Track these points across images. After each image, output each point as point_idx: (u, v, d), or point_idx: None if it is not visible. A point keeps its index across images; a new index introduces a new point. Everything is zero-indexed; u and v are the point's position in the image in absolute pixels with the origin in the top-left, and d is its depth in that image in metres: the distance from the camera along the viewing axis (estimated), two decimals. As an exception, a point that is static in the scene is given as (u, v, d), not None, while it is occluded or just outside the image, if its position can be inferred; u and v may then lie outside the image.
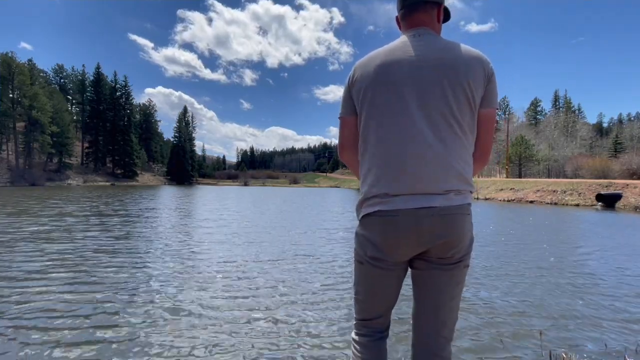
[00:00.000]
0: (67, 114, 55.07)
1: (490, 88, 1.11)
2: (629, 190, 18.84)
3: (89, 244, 5.84)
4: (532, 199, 23.31)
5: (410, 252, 1.09)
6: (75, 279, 3.89)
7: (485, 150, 1.18)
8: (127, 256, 5.09)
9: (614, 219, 12.55)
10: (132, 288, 3.64)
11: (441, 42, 1.11)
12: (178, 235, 7.12)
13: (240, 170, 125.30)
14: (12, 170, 44.04)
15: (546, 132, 56.67)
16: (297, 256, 5.35)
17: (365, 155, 1.15)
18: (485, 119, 1.13)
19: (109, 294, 3.42)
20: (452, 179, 1.04)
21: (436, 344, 1.13)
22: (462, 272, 1.12)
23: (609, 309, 3.29)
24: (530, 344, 2.51)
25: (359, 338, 1.20)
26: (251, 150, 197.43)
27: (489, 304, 3.37)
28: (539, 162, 50.65)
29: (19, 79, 44.56)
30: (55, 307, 3.05)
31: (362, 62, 1.17)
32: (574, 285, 4.08)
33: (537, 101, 72.97)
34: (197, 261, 4.90)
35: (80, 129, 66.28)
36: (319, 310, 3.10)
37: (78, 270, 4.26)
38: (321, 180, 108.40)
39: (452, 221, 1.04)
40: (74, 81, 69.49)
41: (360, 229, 1.15)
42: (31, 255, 4.94)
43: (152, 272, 4.25)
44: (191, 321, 2.82)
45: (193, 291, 3.58)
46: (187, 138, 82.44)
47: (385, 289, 1.16)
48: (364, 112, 1.14)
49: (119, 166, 65.44)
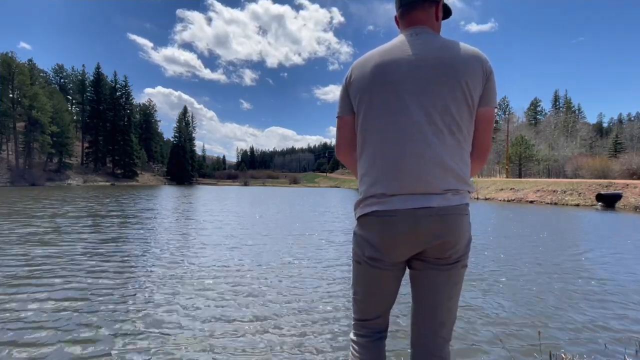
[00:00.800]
0: (67, 114, 55.05)
1: (489, 86, 1.10)
2: (629, 190, 18.84)
3: (78, 247, 5.59)
4: (532, 199, 23.30)
5: (408, 252, 1.09)
6: (57, 286, 3.61)
7: (484, 150, 1.17)
8: (118, 260, 4.88)
9: (614, 219, 12.54)
10: (120, 295, 3.47)
11: (439, 41, 1.10)
12: (173, 239, 7.06)
13: (240, 170, 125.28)
14: (12, 170, 44.02)
15: (546, 132, 56.64)
16: (297, 257, 5.35)
17: (363, 155, 1.14)
18: (484, 118, 1.12)
19: (93, 303, 3.19)
20: (450, 178, 1.04)
21: (434, 344, 1.12)
22: (460, 273, 1.12)
23: (609, 309, 3.28)
24: (530, 344, 2.50)
25: (358, 338, 1.20)
26: (251, 150, 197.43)
27: (488, 304, 3.36)
28: (539, 162, 50.61)
29: (19, 79, 44.54)
30: (31, 317, 2.77)
31: (359, 61, 1.16)
32: (574, 285, 4.07)
33: (537, 101, 72.97)
34: (190, 266, 4.74)
35: (80, 129, 66.25)
36: (319, 311, 3.10)
37: (61, 275, 4.00)
38: (321, 180, 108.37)
39: (449, 221, 1.03)
40: (74, 81, 69.49)
41: (358, 229, 1.14)
42: (17, 259, 4.75)
43: (142, 278, 4.04)
44: (183, 331, 2.72)
45: (184, 299, 3.45)
46: (187, 138, 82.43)
47: (384, 289, 1.16)
48: (362, 112, 1.13)
49: (119, 166, 65.42)
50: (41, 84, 51.66)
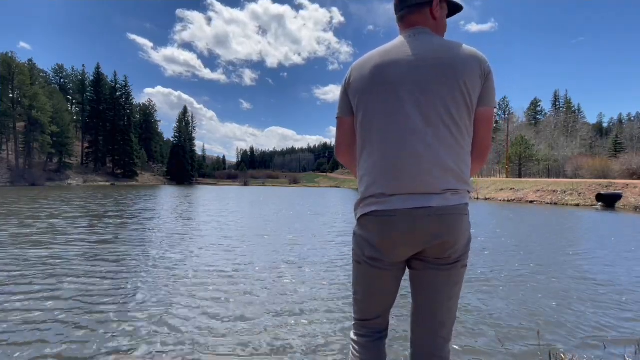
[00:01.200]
0: (67, 114, 55.08)
1: (488, 86, 1.10)
2: (629, 190, 18.84)
3: (70, 249, 5.47)
4: (532, 199, 23.31)
5: (408, 252, 1.09)
6: (45, 290, 3.48)
7: (483, 150, 1.17)
8: (110, 264, 4.82)
9: (614, 219, 12.54)
10: (119, 296, 3.47)
11: (438, 41, 1.10)
12: (173, 238, 7.06)
13: (240, 170, 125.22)
14: (12, 170, 44.03)
15: (546, 132, 56.65)
16: (297, 257, 5.35)
17: (362, 155, 1.15)
18: (483, 118, 1.12)
19: (93, 302, 3.19)
20: (450, 178, 1.04)
21: (435, 344, 1.13)
22: (459, 272, 1.12)
23: (608, 309, 3.28)
24: (530, 344, 2.50)
25: (358, 338, 1.20)
26: (251, 150, 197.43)
27: (488, 304, 3.36)
28: (539, 162, 50.63)
29: (19, 79, 44.58)
30: (13, 328, 2.61)
31: (359, 62, 1.17)
32: (574, 285, 4.07)
33: (537, 101, 72.94)
34: (190, 266, 4.73)
35: (80, 129, 66.28)
36: (319, 311, 3.11)
37: (55, 275, 3.95)
38: (321, 180, 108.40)
39: (449, 221, 1.03)
40: (74, 81, 69.50)
41: (358, 229, 1.15)
42: (13, 259, 4.74)
43: (136, 281, 3.92)
44: (184, 330, 2.71)
45: (184, 300, 3.46)
46: (187, 138, 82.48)
47: (384, 289, 1.16)
48: (361, 112, 1.14)
49: (119, 166, 65.45)
50: (41, 84, 51.67)
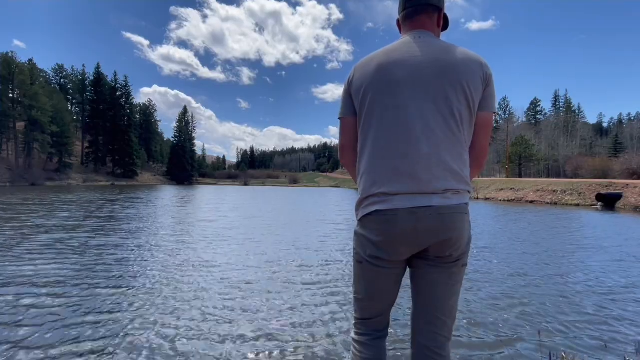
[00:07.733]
0: (67, 114, 55.03)
1: (489, 91, 1.12)
2: (629, 190, 18.83)
3: (71, 247, 5.60)
4: (532, 198, 23.30)
5: (409, 252, 1.10)
6: (49, 286, 3.56)
7: (481, 155, 1.18)
8: (116, 260, 4.87)
9: (614, 219, 12.54)
10: (119, 295, 3.48)
11: (441, 44, 1.12)
12: (172, 239, 7.07)
13: (240, 170, 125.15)
14: (12, 170, 44.00)
15: (546, 132, 56.66)
16: (297, 257, 5.36)
17: (364, 154, 1.15)
18: (483, 122, 1.14)
19: (91, 303, 3.21)
20: (450, 178, 1.05)
21: (435, 342, 1.13)
22: (460, 271, 1.13)
23: (608, 309, 3.29)
24: (530, 343, 2.51)
25: (359, 337, 1.21)
26: (251, 150, 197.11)
27: (487, 303, 3.37)
28: (539, 162, 50.64)
29: (19, 79, 44.54)
30: (26, 320, 2.66)
31: (362, 62, 1.18)
32: (574, 284, 4.08)
33: (537, 101, 72.88)
34: (190, 266, 4.73)
35: (80, 128, 66.24)
36: (319, 310, 3.11)
37: (54, 275, 3.99)
38: (321, 180, 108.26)
39: (450, 220, 1.04)
40: (74, 81, 69.36)
41: (359, 229, 1.15)
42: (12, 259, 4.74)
43: (140, 278, 4.02)
44: (183, 331, 2.71)
45: (184, 299, 3.42)
46: (187, 138, 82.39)
47: (385, 288, 1.17)
48: (364, 112, 1.14)
49: (119, 166, 65.39)
50: (41, 84, 51.61)
